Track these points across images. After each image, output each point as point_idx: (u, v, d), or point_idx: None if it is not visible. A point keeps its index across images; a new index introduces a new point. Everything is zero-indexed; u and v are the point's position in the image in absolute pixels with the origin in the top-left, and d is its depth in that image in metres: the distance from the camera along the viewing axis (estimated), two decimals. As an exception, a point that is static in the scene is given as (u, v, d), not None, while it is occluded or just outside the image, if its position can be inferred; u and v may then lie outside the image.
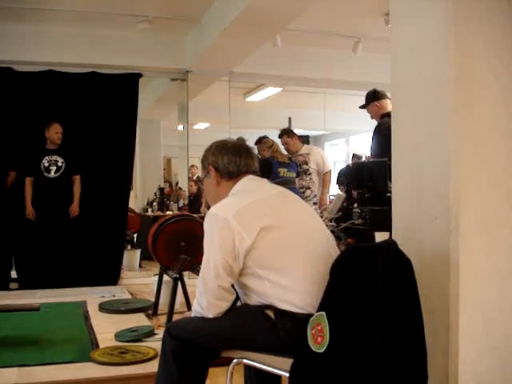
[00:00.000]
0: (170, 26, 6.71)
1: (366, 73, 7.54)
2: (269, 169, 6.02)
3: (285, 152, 6.64)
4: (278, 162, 6.18)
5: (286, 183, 5.86)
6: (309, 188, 6.48)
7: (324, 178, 6.66)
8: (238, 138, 6.62)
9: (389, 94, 4.19)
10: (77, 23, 6.53)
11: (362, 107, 4.97)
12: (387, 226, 2.95)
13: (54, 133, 6.24)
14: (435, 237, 2.41)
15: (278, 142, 6.72)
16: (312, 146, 7.14)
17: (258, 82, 9.13)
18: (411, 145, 2.60)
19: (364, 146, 10.96)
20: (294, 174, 6.30)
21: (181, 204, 10.02)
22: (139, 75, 6.92)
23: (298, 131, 12.16)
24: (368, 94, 4.91)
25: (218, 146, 2.47)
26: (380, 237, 3.24)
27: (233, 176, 2.42)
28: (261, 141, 6.52)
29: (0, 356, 3.67)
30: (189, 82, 7.43)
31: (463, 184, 2.31)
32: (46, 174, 6.22)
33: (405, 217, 2.67)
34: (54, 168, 6.23)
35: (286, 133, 6.64)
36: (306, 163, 6.51)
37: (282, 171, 6.16)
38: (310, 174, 6.51)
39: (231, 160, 2.42)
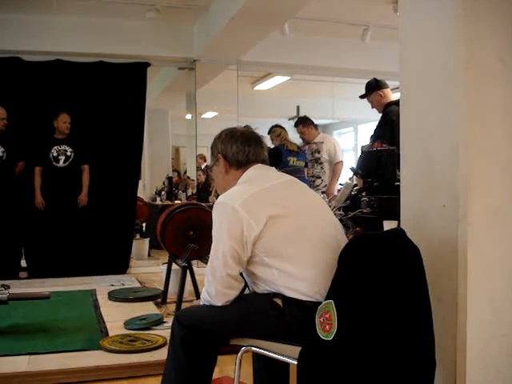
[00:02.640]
0: (178, 14, 6.70)
1: (374, 61, 7.51)
2: (278, 157, 6.02)
3: (297, 141, 6.60)
4: (287, 151, 6.17)
5: (295, 172, 5.87)
6: (319, 177, 6.41)
7: (334, 168, 6.59)
8: (244, 126, 6.59)
9: (396, 83, 4.16)
10: (84, 12, 6.54)
11: (363, 97, 4.94)
12: (395, 215, 2.94)
13: (63, 122, 6.26)
14: (443, 225, 2.40)
15: (294, 130, 6.70)
16: (327, 135, 7.06)
17: (266, 70, 9.10)
18: (419, 132, 2.59)
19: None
20: (303, 163, 6.28)
21: (189, 193, 10.04)
22: (147, 64, 6.92)
23: (307, 120, 12.13)
24: (369, 83, 4.88)
25: (227, 135, 2.47)
26: (388, 225, 3.23)
27: (241, 165, 2.42)
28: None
29: (10, 344, 3.72)
30: (197, 70, 7.42)
31: (471, 171, 2.30)
32: (54, 163, 6.25)
33: (413, 205, 2.66)
34: (62, 157, 6.26)
35: (302, 122, 6.57)
36: (318, 152, 6.44)
37: (292, 160, 6.15)
38: (322, 163, 6.43)
39: (240, 149, 2.42)
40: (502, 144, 2.38)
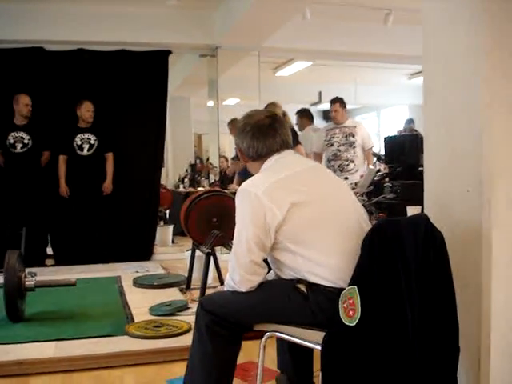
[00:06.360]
0: (199, 1, 6.68)
1: (397, 45, 7.44)
2: None
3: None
4: None
5: None
6: (353, 161, 6.40)
7: (368, 154, 6.61)
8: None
9: (419, 67, 4.12)
10: (106, 1, 6.54)
11: None
12: (419, 200, 2.93)
13: (86, 111, 6.30)
14: (467, 210, 2.38)
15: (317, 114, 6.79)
16: (357, 120, 7.07)
17: (288, 56, 9.05)
18: (443, 117, 2.57)
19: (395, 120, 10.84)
20: None
21: (212, 180, 10.06)
22: (169, 52, 6.92)
23: (328, 105, 12.10)
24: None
25: (239, 129, 2.47)
26: (412, 211, 3.22)
27: (255, 159, 2.43)
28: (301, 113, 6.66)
29: (38, 330, 3.78)
30: (218, 57, 7.39)
31: (496, 156, 2.28)
32: (78, 152, 6.30)
33: (437, 190, 2.65)
34: (86, 146, 6.30)
35: (340, 101, 6.61)
36: (353, 136, 6.44)
37: None
38: (355, 147, 6.42)
39: (250, 145, 2.41)
40: (527, 128, 2.35)
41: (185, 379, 2.40)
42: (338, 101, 6.58)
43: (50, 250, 6.61)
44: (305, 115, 7.41)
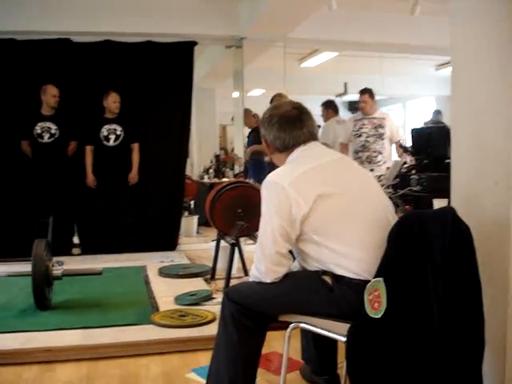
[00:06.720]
0: (225, -8, 6.69)
1: (424, 36, 7.36)
2: None
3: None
4: None
5: None
6: (381, 153, 6.36)
7: (397, 146, 6.58)
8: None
9: (445, 58, 4.07)
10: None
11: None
12: (446, 193, 2.91)
13: (112, 102, 6.34)
14: (495, 203, 2.36)
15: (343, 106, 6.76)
16: (386, 112, 7.02)
17: (314, 47, 9.00)
18: (471, 109, 2.55)
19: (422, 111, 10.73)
20: None
21: (236, 171, 10.08)
22: (194, 43, 6.92)
23: (353, 96, 12.06)
24: None
25: (266, 119, 2.46)
26: (438, 204, 3.20)
27: (282, 150, 2.43)
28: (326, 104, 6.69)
29: (65, 318, 3.83)
30: (244, 48, 7.38)
31: (525, 149, 2.25)
32: (105, 142, 6.34)
33: (464, 183, 2.62)
34: (112, 137, 6.35)
35: (369, 91, 6.57)
36: (382, 127, 6.39)
37: None
38: (384, 139, 6.39)
39: (276, 136, 2.41)
40: (557, 120, 2.31)
41: (210, 368, 2.42)
42: (367, 92, 6.53)
43: (76, 239, 6.69)
44: (330, 107, 7.38)
